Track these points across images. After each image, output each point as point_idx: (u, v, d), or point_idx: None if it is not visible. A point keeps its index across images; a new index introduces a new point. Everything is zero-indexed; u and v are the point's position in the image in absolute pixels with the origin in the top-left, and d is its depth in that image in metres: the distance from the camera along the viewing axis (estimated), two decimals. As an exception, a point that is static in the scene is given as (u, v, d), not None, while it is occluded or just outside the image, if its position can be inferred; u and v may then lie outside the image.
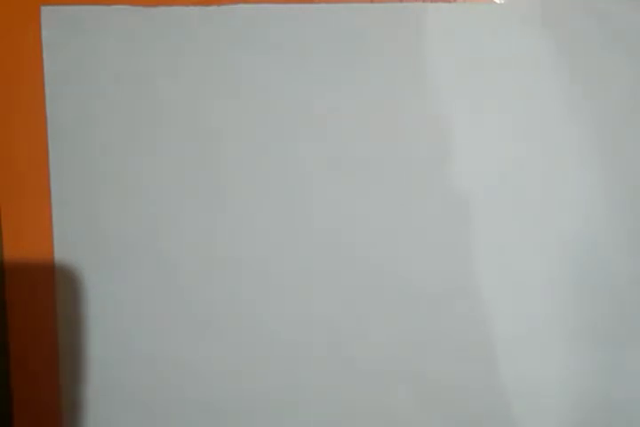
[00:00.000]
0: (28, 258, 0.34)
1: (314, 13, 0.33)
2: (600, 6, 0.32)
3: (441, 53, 0.33)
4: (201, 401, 0.35)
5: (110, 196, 0.34)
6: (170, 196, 0.34)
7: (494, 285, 0.34)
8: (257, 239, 0.34)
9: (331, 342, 0.35)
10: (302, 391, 0.35)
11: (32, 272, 0.34)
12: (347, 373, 0.35)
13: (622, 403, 0.35)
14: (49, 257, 0.34)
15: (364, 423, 0.35)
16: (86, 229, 0.34)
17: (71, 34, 0.33)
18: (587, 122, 0.33)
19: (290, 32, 0.33)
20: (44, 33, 0.33)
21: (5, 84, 0.34)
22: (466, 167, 0.34)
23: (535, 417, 0.35)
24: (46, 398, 0.35)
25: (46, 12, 0.33)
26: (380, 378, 0.35)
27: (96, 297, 0.35)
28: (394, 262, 0.34)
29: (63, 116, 0.34)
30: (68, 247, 0.34)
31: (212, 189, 0.34)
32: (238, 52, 0.33)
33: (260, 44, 0.33)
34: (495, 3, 0.33)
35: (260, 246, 0.34)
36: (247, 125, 0.34)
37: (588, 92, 0.33)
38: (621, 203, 0.34)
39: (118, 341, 0.35)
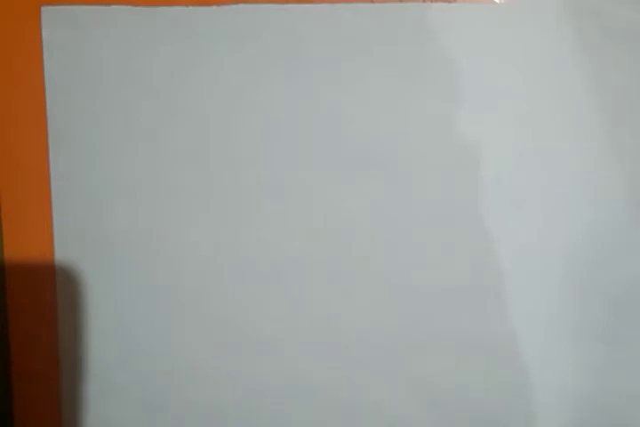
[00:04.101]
0: (28, 258, 0.34)
1: (314, 13, 0.33)
2: (600, 6, 0.32)
3: (441, 53, 0.33)
4: (201, 401, 0.35)
5: (110, 196, 0.34)
6: (170, 195, 0.34)
7: (495, 284, 0.34)
8: (258, 239, 0.34)
9: (331, 342, 0.35)
10: (302, 391, 0.35)
11: (32, 272, 0.34)
12: (347, 373, 0.35)
13: (622, 403, 0.35)
14: (49, 257, 0.34)
15: (363, 423, 0.35)
16: (86, 229, 0.34)
17: (71, 34, 0.33)
18: (587, 121, 0.33)
19: (290, 32, 0.33)
20: (44, 33, 0.33)
21: (5, 84, 0.34)
22: (466, 167, 0.34)
23: (535, 417, 0.35)
24: (46, 398, 0.35)
25: (46, 12, 0.33)
26: (380, 378, 0.35)
27: (96, 297, 0.35)
28: (395, 262, 0.34)
29: (63, 116, 0.34)
30: (68, 247, 0.34)
31: (213, 188, 0.34)
32: (238, 52, 0.33)
33: (260, 44, 0.33)
34: (495, 3, 0.33)
35: (260, 246, 0.34)
36: (248, 125, 0.34)
37: (587, 91, 0.33)
38: (624, 203, 0.34)
39: (118, 341, 0.35)
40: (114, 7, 0.33)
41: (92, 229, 0.34)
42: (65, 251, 0.34)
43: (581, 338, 0.34)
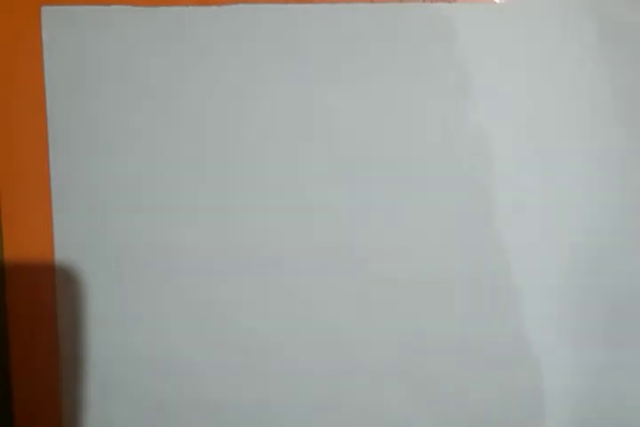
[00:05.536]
0: (28, 258, 0.34)
1: (314, 13, 0.33)
2: (600, 6, 0.32)
3: (441, 54, 0.33)
4: (201, 401, 0.35)
5: (110, 196, 0.34)
6: (170, 195, 0.34)
7: (495, 285, 0.34)
8: (258, 240, 0.34)
9: (331, 342, 0.35)
10: (302, 391, 0.35)
11: (32, 272, 0.34)
12: (347, 373, 0.35)
13: (623, 405, 0.35)
14: (49, 257, 0.34)
15: (363, 423, 0.35)
16: (86, 230, 0.34)
17: (71, 34, 0.33)
18: (587, 121, 0.33)
19: (290, 32, 0.33)
20: (44, 33, 0.33)
21: (5, 84, 0.34)
22: (466, 168, 0.34)
23: (536, 418, 0.35)
24: (46, 398, 0.35)
25: (46, 12, 0.33)
26: (381, 379, 0.35)
27: (96, 297, 0.35)
28: (395, 263, 0.34)
29: (63, 116, 0.34)
30: (67, 247, 0.34)
31: (213, 189, 0.34)
32: (238, 52, 0.33)
33: (260, 44, 0.33)
34: (495, 3, 0.33)
35: (261, 247, 0.34)
36: (247, 125, 0.34)
37: (587, 91, 0.33)
38: (625, 204, 0.34)
39: (118, 341, 0.35)
40: (114, 7, 0.33)
41: (91, 229, 0.34)
42: (65, 251, 0.34)
43: (582, 340, 0.34)
